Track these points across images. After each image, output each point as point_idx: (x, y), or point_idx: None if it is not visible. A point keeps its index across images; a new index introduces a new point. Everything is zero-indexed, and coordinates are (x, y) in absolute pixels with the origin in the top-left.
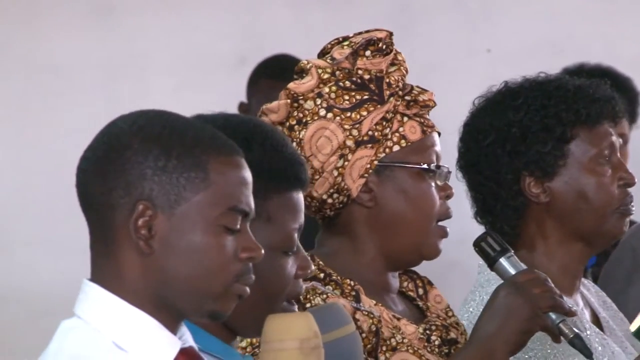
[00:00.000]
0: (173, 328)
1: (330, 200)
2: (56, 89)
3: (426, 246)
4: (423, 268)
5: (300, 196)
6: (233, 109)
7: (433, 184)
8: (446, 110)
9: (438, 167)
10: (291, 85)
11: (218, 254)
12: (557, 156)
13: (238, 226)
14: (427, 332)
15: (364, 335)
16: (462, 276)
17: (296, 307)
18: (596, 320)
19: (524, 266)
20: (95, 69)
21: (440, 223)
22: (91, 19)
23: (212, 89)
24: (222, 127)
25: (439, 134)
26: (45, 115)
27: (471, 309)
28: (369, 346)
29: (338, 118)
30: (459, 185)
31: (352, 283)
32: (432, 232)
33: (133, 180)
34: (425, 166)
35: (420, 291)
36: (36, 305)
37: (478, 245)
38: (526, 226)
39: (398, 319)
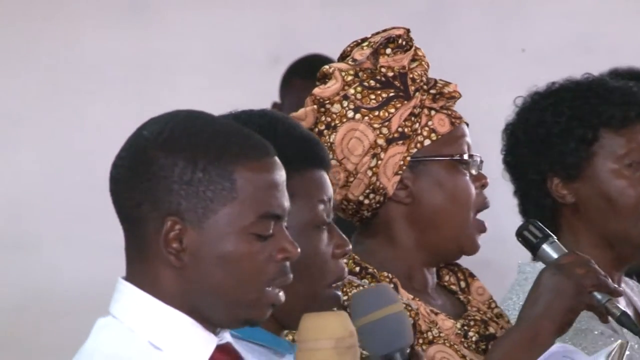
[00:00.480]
0: (210, 327)
1: (367, 201)
2: (86, 86)
3: (465, 240)
4: None
5: (321, 173)
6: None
7: (467, 174)
8: (480, 109)
9: (470, 156)
10: (316, 90)
11: (250, 262)
12: (581, 157)
13: (271, 231)
14: (465, 327)
15: None
16: (496, 275)
17: (340, 292)
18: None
19: (566, 251)
20: (126, 67)
21: (478, 216)
22: (123, 16)
23: (244, 88)
24: None
25: (467, 124)
26: (74, 113)
27: (508, 309)
28: None
29: (366, 118)
30: (493, 182)
31: (389, 276)
32: (470, 226)
33: (160, 195)
34: (458, 157)
35: (462, 284)
36: (62, 305)
37: (520, 234)
38: (559, 227)
39: (436, 314)
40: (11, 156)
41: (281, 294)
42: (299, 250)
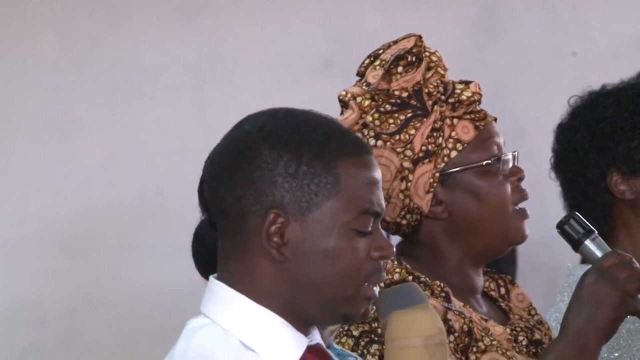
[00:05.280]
0: (302, 327)
1: (404, 222)
2: (144, 90)
3: (511, 232)
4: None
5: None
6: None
7: (500, 176)
8: (533, 112)
9: (499, 158)
10: None
11: (352, 257)
12: None
13: (370, 228)
14: (514, 332)
15: (456, 334)
16: (546, 279)
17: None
18: None
19: (608, 248)
20: (183, 71)
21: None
22: (179, 20)
23: (298, 92)
24: None
25: (495, 119)
26: (133, 117)
27: (560, 312)
28: (461, 345)
29: (388, 143)
30: (545, 186)
31: (441, 284)
32: (513, 219)
33: (263, 187)
34: (486, 162)
35: (502, 290)
36: (122, 309)
37: (561, 227)
38: (613, 224)
39: (485, 320)
40: (73, 160)
41: (376, 288)
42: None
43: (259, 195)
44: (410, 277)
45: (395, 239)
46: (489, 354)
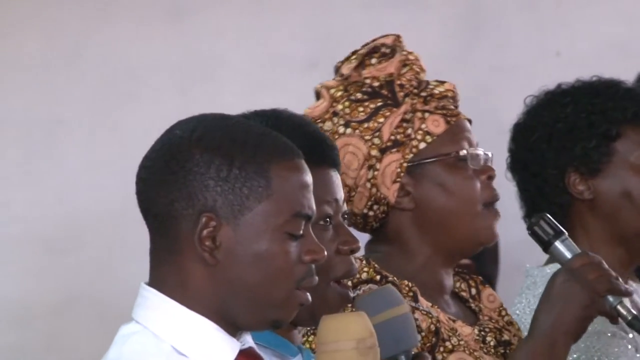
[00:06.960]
0: (232, 331)
1: (371, 213)
2: (130, 90)
3: (481, 231)
4: None
5: (327, 172)
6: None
7: (469, 170)
8: (517, 112)
9: (469, 152)
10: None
11: (283, 260)
12: (602, 153)
13: (301, 231)
14: (482, 333)
15: (423, 334)
16: None
17: (350, 291)
18: None
19: (578, 249)
20: (168, 71)
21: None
22: (164, 20)
23: (283, 92)
24: None
25: (470, 121)
26: (119, 117)
27: (517, 312)
28: (427, 345)
29: (357, 131)
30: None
31: (409, 284)
32: (482, 216)
33: (196, 191)
34: (454, 154)
35: (473, 291)
36: (107, 308)
37: (531, 228)
38: (571, 224)
39: (453, 321)
40: (58, 160)
41: (308, 295)
42: (325, 253)
43: (191, 200)
44: (378, 277)
45: (364, 238)
46: (456, 354)
